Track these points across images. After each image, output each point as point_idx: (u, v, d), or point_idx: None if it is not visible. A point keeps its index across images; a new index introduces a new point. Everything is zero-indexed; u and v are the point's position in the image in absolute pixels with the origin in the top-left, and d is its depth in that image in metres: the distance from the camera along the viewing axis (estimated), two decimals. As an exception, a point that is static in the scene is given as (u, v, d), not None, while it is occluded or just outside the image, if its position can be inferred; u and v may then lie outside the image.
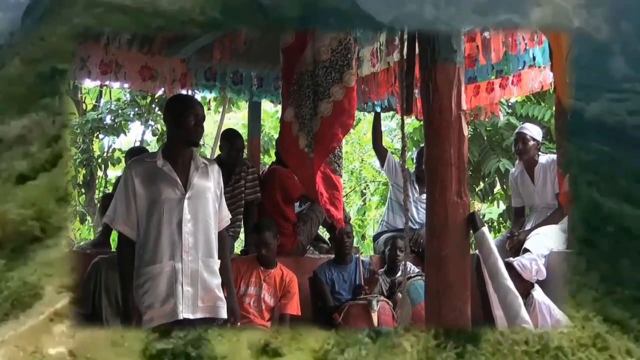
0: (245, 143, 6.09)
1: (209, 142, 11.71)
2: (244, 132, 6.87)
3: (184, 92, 5.88)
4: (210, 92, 6.61)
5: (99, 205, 7.65)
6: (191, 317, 3.45)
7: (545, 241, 4.79)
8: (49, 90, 6.54)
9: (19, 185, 4.72)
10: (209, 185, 3.63)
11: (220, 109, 10.69)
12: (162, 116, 7.27)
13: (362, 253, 6.88)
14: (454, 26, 3.90)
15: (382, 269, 5.65)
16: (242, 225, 5.70)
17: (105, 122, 10.09)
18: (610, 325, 3.67)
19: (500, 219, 9.93)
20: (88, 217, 10.82)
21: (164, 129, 6.82)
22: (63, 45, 7.51)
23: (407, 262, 4.90)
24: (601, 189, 8.21)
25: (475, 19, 6.95)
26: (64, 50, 7.25)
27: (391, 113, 8.25)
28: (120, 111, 10.10)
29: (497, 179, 9.33)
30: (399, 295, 5.02)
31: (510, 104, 8.70)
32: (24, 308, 3.33)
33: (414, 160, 6.64)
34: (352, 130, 9.69)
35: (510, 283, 3.41)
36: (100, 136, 10.70)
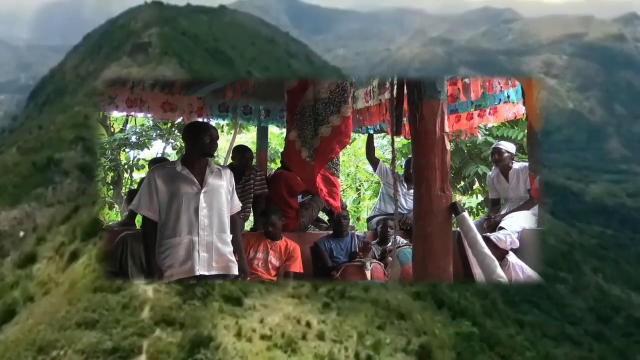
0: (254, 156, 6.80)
1: (222, 155, 12.72)
2: (253, 147, 7.51)
3: (200, 119, 6.50)
4: (223, 120, 7.46)
5: (125, 198, 8.56)
6: (206, 273, 4.02)
7: (519, 221, 5.47)
8: (43, 181, 6.51)
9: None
10: (222, 183, 4.18)
11: (232, 131, 11.87)
12: (181, 136, 8.00)
13: (357, 230, 7.47)
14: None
15: (374, 241, 6.36)
16: (252, 211, 6.39)
17: (130, 141, 11.41)
18: None
19: (479, 206, 11.19)
20: (116, 206, 12.03)
21: (183, 145, 7.18)
22: (61, 134, 7.57)
23: (397, 236, 5.69)
24: (607, 276, 8.09)
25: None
26: (62, 139, 7.29)
27: (383, 133, 9.05)
28: (144, 132, 11.46)
29: (476, 179, 10.62)
30: (389, 259, 5.69)
31: (487, 127, 9.93)
32: None
33: (403, 167, 7.29)
34: (348, 146, 10.48)
35: (487, 250, 4.01)
36: (127, 150, 12.04)
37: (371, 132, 7.39)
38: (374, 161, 7.28)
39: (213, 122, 7.25)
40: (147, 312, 5.30)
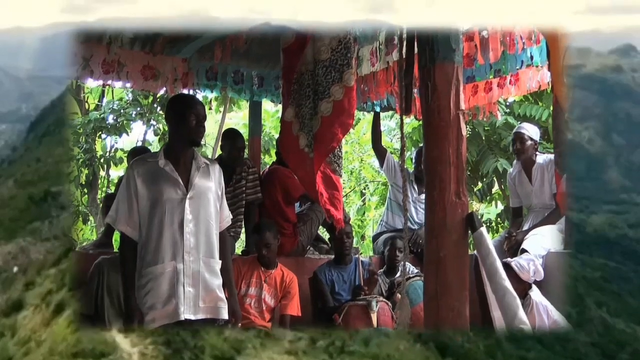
0: (246, 143, 5.94)
1: (210, 142, 11.46)
2: (244, 132, 6.63)
3: (185, 91, 5.74)
4: (212, 92, 6.45)
5: (101, 205, 7.47)
6: (192, 317, 3.41)
7: (543, 241, 4.73)
8: (40, 214, 6.44)
9: None
10: (210, 185, 3.56)
11: (222, 109, 10.49)
12: (164, 116, 7.11)
13: (361, 253, 6.63)
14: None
15: (381, 270, 5.50)
16: (243, 226, 5.59)
17: (107, 122, 9.88)
18: None
19: (499, 219, 9.72)
20: (90, 217, 10.57)
21: (166, 128, 6.58)
22: (59, 167, 7.55)
23: (406, 263, 4.72)
24: (611, 309, 7.96)
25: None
26: (60, 172, 7.26)
27: (390, 113, 7.99)
28: (122, 111, 9.92)
29: (495, 179, 9.10)
30: (398, 295, 4.82)
31: (508, 103, 8.56)
32: None
33: (413, 161, 6.35)
34: (351, 130, 9.47)
35: (508, 283, 3.39)
36: (103, 136, 10.55)
37: (377, 109, 6.34)
38: (380, 152, 6.23)
39: (200, 96, 6.47)
40: (130, 384, 4.91)
